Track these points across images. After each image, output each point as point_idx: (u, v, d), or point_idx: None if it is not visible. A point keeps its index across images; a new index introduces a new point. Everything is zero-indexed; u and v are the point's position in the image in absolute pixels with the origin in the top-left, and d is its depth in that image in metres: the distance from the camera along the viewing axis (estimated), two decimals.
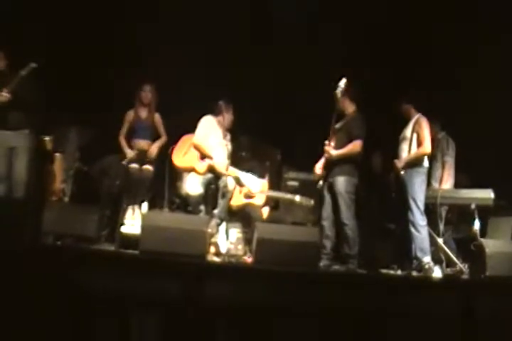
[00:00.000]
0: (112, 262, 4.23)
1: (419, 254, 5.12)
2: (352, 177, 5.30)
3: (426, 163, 5.39)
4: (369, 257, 5.49)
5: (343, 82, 5.24)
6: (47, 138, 5.92)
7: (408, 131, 5.45)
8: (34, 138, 5.53)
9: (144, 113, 5.94)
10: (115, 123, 5.96)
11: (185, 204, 5.64)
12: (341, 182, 5.27)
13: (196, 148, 5.54)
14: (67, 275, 3.92)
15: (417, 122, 5.42)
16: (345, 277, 4.66)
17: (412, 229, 5.19)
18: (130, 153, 5.72)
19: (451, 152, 6.01)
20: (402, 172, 5.38)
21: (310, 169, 6.03)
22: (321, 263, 5.11)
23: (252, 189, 5.68)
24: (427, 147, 5.31)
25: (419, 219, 5.19)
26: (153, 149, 5.81)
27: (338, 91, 5.25)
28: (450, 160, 6.00)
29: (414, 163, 5.35)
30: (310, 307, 4.06)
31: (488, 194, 5.52)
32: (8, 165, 5.33)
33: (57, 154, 6.02)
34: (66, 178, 5.91)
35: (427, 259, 5.11)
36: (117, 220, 5.39)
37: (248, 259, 5.08)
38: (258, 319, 3.94)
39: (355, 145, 5.29)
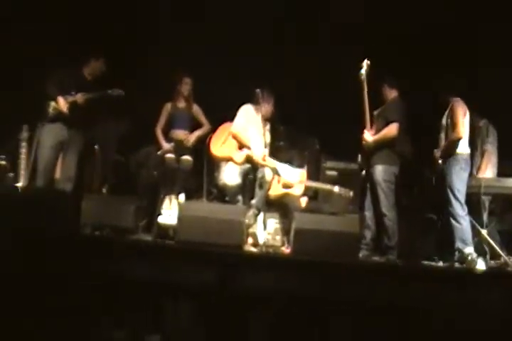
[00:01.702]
0: (148, 252, 4.24)
1: (460, 245, 4.97)
2: (390, 166, 5.19)
3: (463, 149, 5.17)
4: (410, 248, 5.35)
5: (365, 63, 5.14)
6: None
7: (444, 119, 5.30)
8: (83, 133, 5.63)
9: (182, 104, 5.94)
10: (152, 115, 5.96)
11: (222, 195, 5.59)
12: (379, 171, 5.17)
13: (234, 137, 5.49)
14: (104, 265, 3.95)
15: (451, 108, 5.23)
16: (385, 268, 4.55)
17: (452, 220, 5.03)
18: (166, 145, 5.73)
19: (491, 140, 5.77)
20: (439, 162, 5.23)
21: (350, 158, 5.97)
22: (361, 254, 5.04)
23: (289, 179, 5.60)
24: (459, 132, 5.09)
25: (458, 209, 5.02)
26: (191, 137, 5.81)
27: (362, 72, 5.16)
28: (490, 149, 5.76)
29: (450, 150, 5.17)
30: (349, 298, 3.97)
31: None
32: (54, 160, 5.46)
33: (95, 146, 6.06)
34: (105, 170, 5.94)
35: (468, 250, 4.95)
36: (155, 211, 5.39)
37: (286, 250, 5.01)
38: (295, 310, 3.88)
39: (391, 129, 5.17)
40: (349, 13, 6.47)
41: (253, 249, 4.95)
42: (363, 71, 5.17)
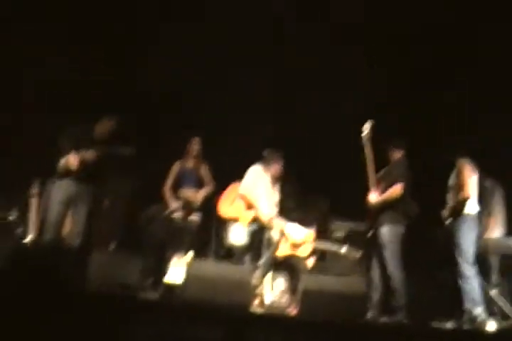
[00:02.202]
0: (154, 311, 4.23)
1: (469, 306, 4.91)
2: (396, 226, 5.21)
3: (472, 209, 5.16)
4: (419, 308, 5.28)
5: (367, 126, 5.24)
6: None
7: (451, 179, 5.34)
8: (93, 189, 5.70)
9: (191, 164, 6.06)
10: (164, 171, 6.07)
11: (230, 255, 5.61)
12: (385, 232, 5.19)
13: (242, 198, 5.56)
14: (113, 323, 3.93)
15: (458, 168, 5.27)
16: (392, 329, 4.48)
17: (460, 280, 4.98)
18: (174, 205, 5.79)
19: (497, 199, 5.76)
20: (446, 222, 5.25)
21: (358, 218, 5.99)
22: (368, 315, 4.98)
23: (297, 240, 5.61)
24: (467, 191, 5.11)
25: (467, 270, 4.97)
26: (199, 196, 5.89)
27: (364, 135, 5.26)
28: (497, 208, 5.75)
29: (458, 211, 5.17)
30: None
31: None
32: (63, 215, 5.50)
33: (105, 203, 6.14)
34: (113, 227, 5.99)
35: (477, 311, 4.88)
36: (161, 269, 5.39)
37: (292, 311, 4.97)
38: None
39: (395, 189, 5.22)
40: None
41: (259, 310, 4.89)
42: (366, 133, 5.27)
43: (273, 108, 6.81)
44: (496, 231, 5.71)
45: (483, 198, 5.71)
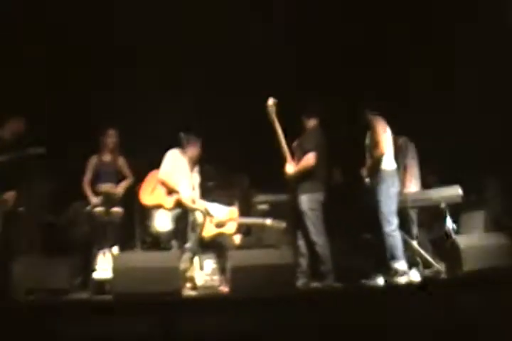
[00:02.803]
0: (85, 310, 4.19)
1: (391, 261, 5.09)
2: (314, 194, 5.30)
3: (388, 165, 5.29)
4: (347, 270, 5.44)
5: (271, 102, 5.31)
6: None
7: (367, 139, 5.47)
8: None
9: (108, 157, 5.94)
10: (77, 170, 5.93)
11: (157, 242, 5.59)
12: (303, 200, 5.28)
13: (162, 183, 5.54)
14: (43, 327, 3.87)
15: (371, 126, 5.37)
16: (321, 294, 4.61)
17: (384, 233, 5.14)
18: (94, 200, 5.70)
19: (411, 155, 5.95)
20: (366, 180, 5.38)
21: (279, 190, 6.06)
22: (299, 282, 5.10)
23: (220, 219, 5.65)
24: (382, 147, 5.23)
25: (385, 226, 5.13)
26: (119, 189, 5.83)
27: (269, 110, 5.31)
28: (412, 163, 5.94)
29: (375, 167, 5.30)
30: (293, 330, 4.00)
31: (456, 191, 5.50)
32: None
33: (21, 208, 5.94)
34: (34, 232, 5.83)
35: (398, 265, 5.05)
36: (89, 267, 5.32)
37: (224, 289, 5.02)
38: None
39: (308, 159, 5.30)
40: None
41: (192, 293, 4.92)
42: (271, 109, 5.31)
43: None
44: (412, 186, 5.92)
45: (398, 155, 5.90)
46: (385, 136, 5.31)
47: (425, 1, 6.57)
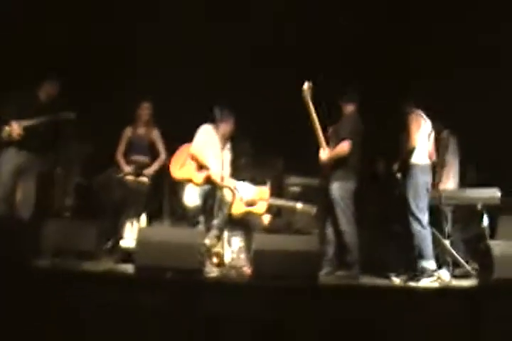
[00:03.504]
0: (103, 281, 4.24)
1: (418, 259, 5.00)
2: (346, 182, 5.21)
3: (419, 159, 5.17)
4: (374, 261, 5.36)
5: (306, 86, 5.17)
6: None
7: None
8: (41, 157, 5.59)
9: (142, 129, 5.94)
10: (114, 138, 5.97)
11: (186, 215, 5.59)
12: (335, 188, 5.20)
13: (193, 158, 5.51)
14: (60, 295, 3.93)
15: (406, 120, 5.25)
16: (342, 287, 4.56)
17: (412, 231, 5.04)
18: (127, 168, 5.75)
19: (452, 150, 5.77)
20: (398, 175, 5.28)
21: (313, 174, 5.97)
22: (324, 271, 5.07)
23: (248, 198, 5.60)
24: (413, 141, 5.13)
25: (413, 223, 5.03)
26: (152, 168, 5.83)
27: (304, 95, 5.18)
28: (451, 159, 5.76)
29: (406, 161, 5.19)
30: (309, 321, 3.97)
31: (494, 193, 5.32)
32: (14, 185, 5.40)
33: (58, 170, 6.04)
34: (67, 194, 5.92)
35: (426, 264, 4.96)
36: (118, 233, 5.38)
37: (248, 270, 5.00)
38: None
39: (342, 147, 5.20)
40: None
41: (215, 270, 4.92)
42: (306, 93, 5.18)
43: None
44: (449, 183, 5.76)
45: (439, 149, 5.74)
46: (417, 131, 5.20)
47: None
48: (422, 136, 5.23)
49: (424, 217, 5.06)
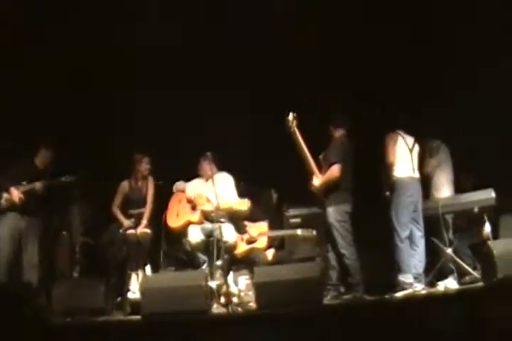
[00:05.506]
0: (116, 331, 4.32)
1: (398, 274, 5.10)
2: (340, 205, 5.27)
3: (400, 173, 5.32)
4: (378, 282, 5.34)
5: (291, 116, 5.29)
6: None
7: None
8: (42, 220, 5.77)
9: (138, 183, 6.07)
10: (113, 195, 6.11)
11: (192, 259, 5.68)
12: (330, 212, 5.27)
13: (189, 201, 5.71)
14: None
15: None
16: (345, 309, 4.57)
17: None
18: (127, 222, 5.87)
19: (444, 158, 5.80)
20: (387, 193, 5.40)
21: (312, 203, 6.02)
22: (329, 295, 5.08)
23: (232, 240, 5.63)
24: (389, 157, 5.31)
25: (396, 238, 5.16)
26: (144, 219, 5.93)
27: (290, 125, 5.29)
28: (444, 167, 5.79)
29: (388, 178, 5.37)
30: None
31: (488, 194, 5.35)
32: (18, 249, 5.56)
33: (63, 232, 6.21)
34: (74, 254, 6.06)
35: (404, 279, 5.04)
36: (124, 287, 5.47)
37: (254, 304, 5.03)
38: None
39: (332, 171, 5.28)
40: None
41: (220, 310, 4.96)
42: (291, 124, 5.29)
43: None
44: (444, 191, 5.78)
45: (432, 159, 5.79)
46: (393, 147, 5.36)
47: None
48: (401, 151, 5.37)
49: (404, 232, 5.17)
